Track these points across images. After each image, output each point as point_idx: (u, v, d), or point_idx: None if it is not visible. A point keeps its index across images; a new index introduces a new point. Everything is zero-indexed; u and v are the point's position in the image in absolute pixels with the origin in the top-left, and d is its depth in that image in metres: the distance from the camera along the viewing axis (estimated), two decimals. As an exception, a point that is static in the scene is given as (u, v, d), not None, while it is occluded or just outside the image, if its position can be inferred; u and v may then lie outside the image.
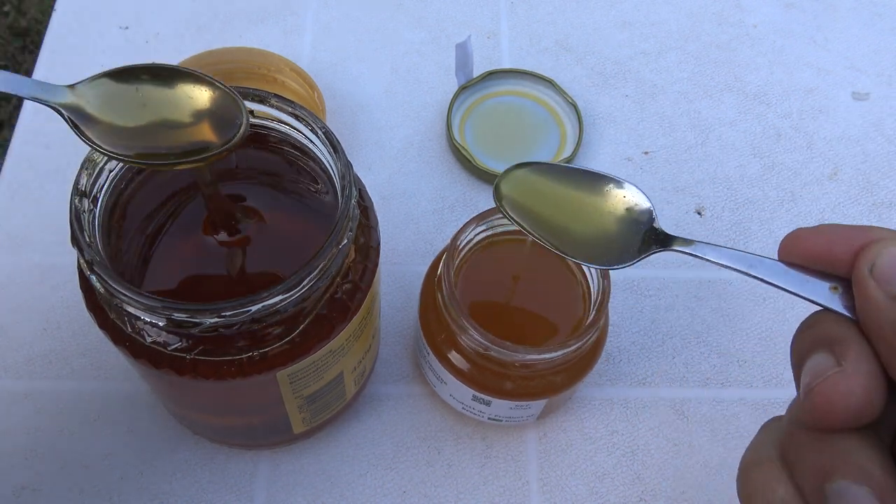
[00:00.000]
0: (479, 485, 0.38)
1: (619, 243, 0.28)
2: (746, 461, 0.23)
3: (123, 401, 0.39)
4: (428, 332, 0.36)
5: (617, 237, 0.28)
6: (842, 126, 0.52)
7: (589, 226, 0.28)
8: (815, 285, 0.22)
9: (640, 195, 0.29)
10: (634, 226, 0.28)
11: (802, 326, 0.23)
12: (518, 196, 0.29)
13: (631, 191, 0.29)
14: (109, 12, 0.53)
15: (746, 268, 0.24)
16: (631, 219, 0.28)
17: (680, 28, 0.56)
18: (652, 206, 0.28)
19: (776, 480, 0.21)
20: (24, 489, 0.37)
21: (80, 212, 0.27)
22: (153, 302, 0.24)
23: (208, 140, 0.27)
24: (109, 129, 0.26)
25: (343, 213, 0.27)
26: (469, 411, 0.37)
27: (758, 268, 0.23)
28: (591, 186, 0.29)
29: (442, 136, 0.50)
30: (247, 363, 0.27)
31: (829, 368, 0.20)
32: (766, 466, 0.22)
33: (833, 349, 0.20)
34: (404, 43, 0.54)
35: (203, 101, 0.27)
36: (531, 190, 0.29)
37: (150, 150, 0.27)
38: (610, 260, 0.28)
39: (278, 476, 0.38)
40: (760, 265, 0.23)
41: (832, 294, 0.22)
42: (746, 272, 0.24)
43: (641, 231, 0.28)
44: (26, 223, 0.45)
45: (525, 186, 0.29)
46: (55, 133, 0.48)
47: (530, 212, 0.29)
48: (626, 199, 0.29)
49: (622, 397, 0.41)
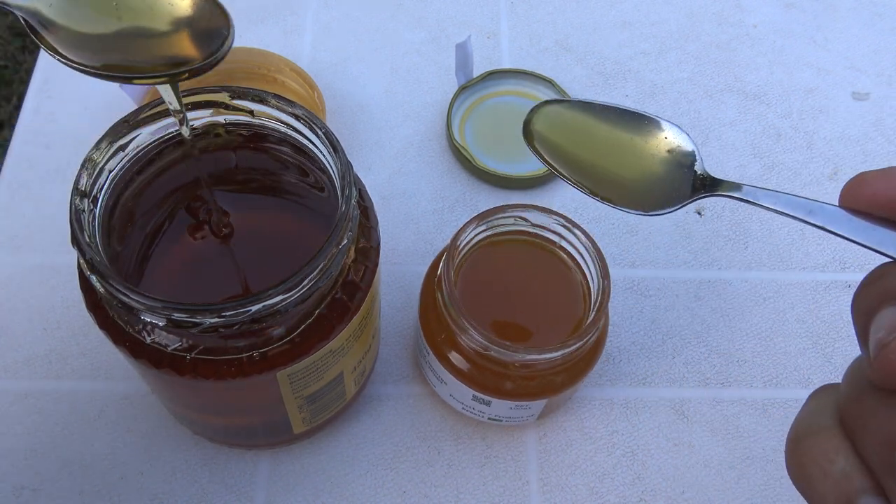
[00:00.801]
0: (479, 485, 0.38)
1: (663, 187, 0.25)
2: (798, 431, 0.21)
3: (123, 401, 0.39)
4: (428, 332, 0.36)
5: (659, 181, 0.26)
6: (842, 126, 0.52)
7: (629, 168, 0.26)
8: (884, 234, 0.20)
9: (684, 136, 0.26)
10: (678, 169, 0.25)
11: (867, 280, 0.20)
12: (551, 135, 0.27)
13: (673, 131, 0.26)
14: None
15: (805, 215, 0.21)
16: (674, 161, 0.26)
17: (680, 28, 0.56)
18: (696, 149, 0.26)
19: (835, 450, 0.19)
20: (24, 489, 0.37)
21: (80, 212, 0.27)
22: (153, 302, 0.24)
23: (188, 54, 0.24)
24: (74, 36, 0.23)
25: (343, 213, 0.27)
26: (469, 411, 0.37)
27: (818, 214, 0.21)
28: (630, 126, 0.26)
29: (442, 136, 0.50)
30: (247, 363, 0.27)
31: None
32: (823, 436, 0.20)
33: None
34: (404, 43, 0.54)
35: (184, 7, 0.24)
36: (566, 128, 0.27)
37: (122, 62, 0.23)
38: (652, 205, 0.25)
39: (278, 476, 0.38)
40: (821, 212, 0.21)
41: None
42: (805, 220, 0.21)
43: (685, 175, 0.25)
44: (26, 223, 0.45)
45: (559, 124, 0.27)
46: (55, 133, 0.48)
47: (564, 152, 0.26)
48: (669, 140, 0.26)
49: (622, 397, 0.41)
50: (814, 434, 0.20)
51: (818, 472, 0.19)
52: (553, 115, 0.27)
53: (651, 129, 0.26)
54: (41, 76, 0.50)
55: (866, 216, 0.20)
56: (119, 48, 0.24)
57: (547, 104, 0.27)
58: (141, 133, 0.29)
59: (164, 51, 0.24)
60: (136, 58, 0.24)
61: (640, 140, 0.26)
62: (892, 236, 0.20)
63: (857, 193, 0.20)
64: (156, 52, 0.24)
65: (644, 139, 0.26)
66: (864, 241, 0.20)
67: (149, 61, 0.24)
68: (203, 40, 0.24)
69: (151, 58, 0.24)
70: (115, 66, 0.23)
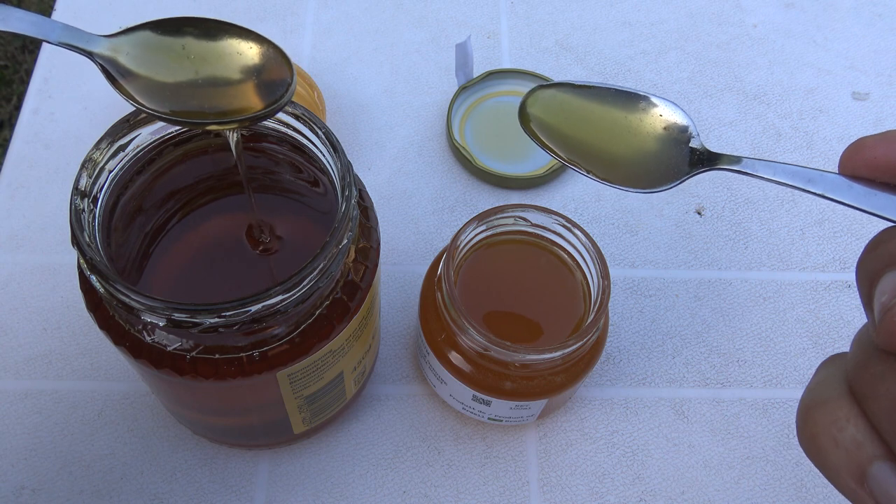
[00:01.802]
0: (479, 485, 0.38)
1: (660, 164, 0.26)
2: (807, 402, 0.20)
3: (123, 401, 0.39)
4: (428, 332, 0.36)
5: (657, 157, 0.26)
6: (842, 126, 0.52)
7: (626, 147, 0.26)
8: (885, 199, 0.20)
9: (679, 112, 0.26)
10: (675, 145, 0.26)
11: (871, 245, 0.20)
12: (547, 117, 0.27)
13: (668, 108, 0.26)
14: (109, 12, 0.53)
15: (804, 183, 0.21)
16: (670, 137, 0.26)
17: (680, 28, 0.56)
18: (692, 124, 0.26)
19: (845, 418, 0.19)
20: (24, 489, 0.37)
21: (80, 212, 0.27)
22: (153, 302, 0.24)
23: (253, 101, 0.25)
24: (148, 84, 0.24)
25: (343, 214, 0.27)
26: (469, 411, 0.37)
27: (818, 182, 0.21)
28: (625, 105, 0.27)
29: (442, 136, 0.50)
30: (247, 363, 0.27)
31: None
32: (833, 404, 0.19)
33: None
34: (404, 43, 0.54)
35: (251, 59, 0.25)
36: (561, 110, 0.27)
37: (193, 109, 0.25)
38: (651, 182, 0.25)
39: (278, 476, 0.38)
40: (821, 180, 0.21)
41: None
42: (805, 189, 0.21)
43: (682, 150, 0.25)
44: (26, 223, 0.45)
45: (554, 107, 0.27)
46: (55, 133, 0.48)
47: (561, 134, 0.27)
48: (664, 116, 0.26)
49: (622, 397, 0.41)
50: (823, 404, 0.20)
51: (829, 442, 0.19)
52: (548, 97, 0.27)
53: (646, 107, 0.26)
54: (41, 76, 0.50)
55: (866, 182, 0.20)
56: (190, 95, 0.25)
57: (542, 87, 0.27)
58: (141, 133, 0.29)
59: (232, 97, 0.25)
60: (207, 104, 0.25)
61: (635, 118, 0.26)
62: (893, 200, 0.20)
63: (856, 159, 0.20)
64: (225, 99, 0.25)
65: (639, 117, 0.26)
66: (866, 206, 0.20)
67: (218, 107, 0.25)
68: (268, 88, 0.25)
69: (221, 104, 0.25)
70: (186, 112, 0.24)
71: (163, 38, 0.25)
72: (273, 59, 0.26)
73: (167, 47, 0.25)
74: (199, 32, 0.25)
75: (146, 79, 0.24)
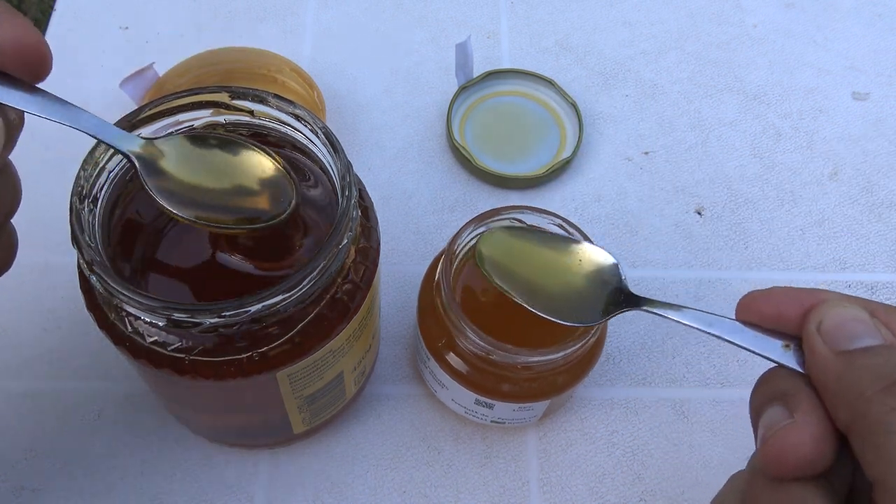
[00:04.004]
0: (479, 485, 0.38)
1: (590, 302, 0.30)
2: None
3: (123, 401, 0.39)
4: (427, 337, 0.36)
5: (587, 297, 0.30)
6: (842, 126, 0.52)
7: (561, 285, 0.31)
8: (769, 343, 0.24)
9: (608, 257, 0.31)
10: (604, 286, 0.30)
11: (759, 382, 0.24)
12: (498, 257, 0.32)
13: (600, 253, 0.31)
14: (109, 12, 0.53)
15: (706, 326, 0.25)
16: (601, 279, 0.31)
17: (680, 28, 0.56)
18: (620, 267, 0.31)
19: None
20: (23, 489, 0.37)
21: (80, 212, 0.27)
22: (153, 302, 0.24)
23: (262, 208, 0.28)
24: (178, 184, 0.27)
25: (343, 213, 0.27)
26: (472, 415, 0.37)
27: (716, 326, 0.25)
28: (562, 248, 0.32)
29: (442, 136, 0.50)
30: (247, 363, 0.27)
31: (782, 420, 0.22)
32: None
33: (786, 402, 0.22)
34: (404, 43, 0.54)
35: (262, 172, 0.28)
36: (510, 251, 0.32)
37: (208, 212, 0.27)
38: (581, 318, 0.30)
39: (278, 476, 0.38)
40: (720, 325, 0.25)
41: (784, 351, 0.24)
42: (706, 331, 0.25)
43: (610, 290, 0.30)
44: (26, 223, 0.44)
45: (504, 248, 0.32)
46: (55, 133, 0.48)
47: (509, 272, 0.31)
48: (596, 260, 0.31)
49: (622, 397, 0.41)
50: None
51: None
52: (500, 240, 0.32)
53: (581, 251, 0.32)
54: (41, 76, 0.50)
55: (757, 327, 0.24)
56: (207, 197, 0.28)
57: (496, 231, 0.33)
58: (141, 133, 0.29)
59: (245, 203, 0.28)
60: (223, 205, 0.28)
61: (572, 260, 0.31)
62: (776, 345, 0.24)
63: (748, 309, 0.25)
64: (239, 204, 0.28)
65: (576, 259, 0.31)
66: (754, 348, 0.24)
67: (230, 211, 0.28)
68: (274, 200, 0.28)
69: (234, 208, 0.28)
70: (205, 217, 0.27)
71: (194, 148, 0.28)
72: (282, 178, 0.29)
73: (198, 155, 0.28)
74: (222, 146, 0.29)
75: (178, 180, 0.27)
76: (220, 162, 0.28)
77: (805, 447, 0.21)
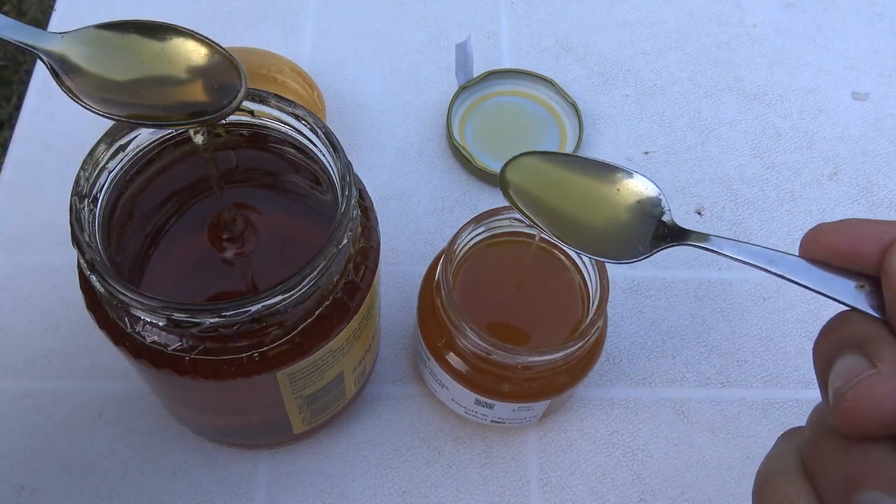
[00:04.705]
0: (479, 485, 0.38)
1: (630, 236, 0.26)
2: (764, 472, 0.21)
3: (123, 401, 0.39)
4: (427, 337, 0.36)
5: (627, 230, 0.26)
6: (842, 126, 0.52)
7: (598, 217, 0.27)
8: (841, 283, 0.21)
9: (652, 186, 0.27)
10: (646, 219, 0.26)
11: (827, 327, 0.21)
12: (525, 184, 0.28)
13: (642, 182, 0.27)
14: (109, 12, 0.53)
15: (766, 264, 0.22)
16: (642, 211, 0.27)
17: (680, 28, 0.56)
18: (664, 198, 0.27)
19: (797, 493, 0.20)
20: (24, 489, 0.37)
21: (80, 212, 0.27)
22: (153, 302, 0.24)
23: (204, 102, 0.26)
24: (98, 82, 0.24)
25: (343, 213, 0.27)
26: (472, 415, 0.37)
27: (779, 264, 0.22)
28: (600, 176, 0.27)
29: (442, 136, 0.50)
30: (247, 363, 0.27)
31: (863, 371, 0.18)
32: (787, 477, 0.20)
33: (865, 349, 0.19)
34: (404, 43, 0.54)
35: (199, 60, 0.26)
36: (539, 178, 0.28)
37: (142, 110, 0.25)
38: (621, 254, 0.26)
39: (278, 476, 0.38)
40: (781, 262, 0.22)
41: (858, 292, 0.21)
42: (766, 269, 0.22)
43: (653, 224, 0.26)
44: (26, 223, 0.45)
45: (532, 175, 0.28)
46: (55, 133, 0.48)
47: (537, 201, 0.27)
48: (637, 190, 0.27)
49: (622, 397, 0.41)
50: (777, 476, 0.21)
51: None
52: (527, 166, 0.28)
53: (621, 179, 0.27)
54: (41, 76, 0.50)
55: (824, 265, 0.21)
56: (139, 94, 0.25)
57: (523, 155, 0.28)
58: (141, 133, 0.29)
59: (181, 97, 0.25)
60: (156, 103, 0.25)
61: (610, 190, 0.27)
62: (849, 285, 0.21)
63: (815, 244, 0.21)
64: (174, 99, 0.25)
65: (614, 189, 0.27)
66: (823, 289, 0.21)
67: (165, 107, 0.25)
68: (217, 92, 0.26)
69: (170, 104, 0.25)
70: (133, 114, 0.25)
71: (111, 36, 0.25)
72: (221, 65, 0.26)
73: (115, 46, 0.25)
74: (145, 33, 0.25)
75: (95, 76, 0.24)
76: (147, 51, 0.25)
77: (891, 402, 0.18)
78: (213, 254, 0.31)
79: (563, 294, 0.36)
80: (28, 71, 1.17)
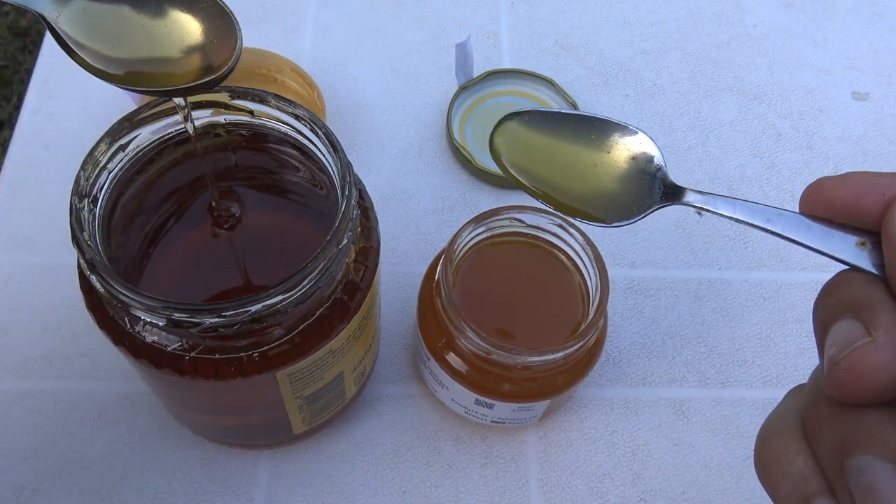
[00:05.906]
0: (479, 485, 0.38)
1: (623, 196, 0.25)
2: (766, 429, 0.21)
3: (123, 401, 0.39)
4: (427, 337, 0.36)
5: (620, 190, 0.25)
6: (842, 126, 0.52)
7: (589, 179, 0.25)
8: (841, 240, 0.20)
9: (648, 141, 0.25)
10: (640, 176, 0.25)
11: (826, 288, 0.20)
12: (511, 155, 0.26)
13: (637, 137, 0.25)
14: (109, 12, 0.53)
15: (763, 222, 0.21)
16: (637, 168, 0.25)
17: (680, 28, 0.56)
18: (661, 155, 0.25)
19: (795, 452, 0.20)
20: (24, 489, 0.37)
21: (80, 212, 0.27)
22: (153, 302, 0.24)
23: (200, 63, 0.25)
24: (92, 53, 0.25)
25: (343, 214, 0.27)
26: (472, 415, 0.37)
27: (776, 222, 0.21)
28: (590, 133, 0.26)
29: (442, 136, 0.50)
30: (247, 363, 0.27)
31: (858, 338, 0.18)
32: (786, 436, 0.20)
33: (861, 315, 0.18)
34: (404, 43, 0.54)
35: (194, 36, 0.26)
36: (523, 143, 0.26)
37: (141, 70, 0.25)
38: (613, 216, 0.25)
39: (278, 476, 0.38)
40: (779, 219, 0.21)
41: (860, 250, 0.20)
42: (764, 227, 0.21)
43: (648, 182, 0.25)
44: (26, 223, 0.45)
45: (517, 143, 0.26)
46: (55, 133, 0.48)
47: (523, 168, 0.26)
48: (631, 147, 0.25)
49: (622, 397, 0.41)
50: (777, 435, 0.20)
51: (779, 473, 0.20)
52: (512, 132, 0.27)
53: (613, 136, 0.26)
54: (41, 76, 0.50)
55: (825, 222, 0.20)
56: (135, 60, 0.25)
57: (506, 119, 0.27)
58: (141, 133, 0.29)
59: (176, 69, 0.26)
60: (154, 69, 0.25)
61: (601, 149, 0.26)
62: (849, 242, 0.20)
63: (815, 200, 0.20)
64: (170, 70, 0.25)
65: (606, 147, 0.26)
66: (822, 247, 0.20)
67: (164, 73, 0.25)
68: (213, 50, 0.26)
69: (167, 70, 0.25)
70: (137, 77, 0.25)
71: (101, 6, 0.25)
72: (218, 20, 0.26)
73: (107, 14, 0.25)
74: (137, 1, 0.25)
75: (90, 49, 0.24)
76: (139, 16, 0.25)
77: (885, 371, 0.17)
78: (214, 254, 0.31)
79: (563, 294, 0.36)
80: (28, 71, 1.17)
